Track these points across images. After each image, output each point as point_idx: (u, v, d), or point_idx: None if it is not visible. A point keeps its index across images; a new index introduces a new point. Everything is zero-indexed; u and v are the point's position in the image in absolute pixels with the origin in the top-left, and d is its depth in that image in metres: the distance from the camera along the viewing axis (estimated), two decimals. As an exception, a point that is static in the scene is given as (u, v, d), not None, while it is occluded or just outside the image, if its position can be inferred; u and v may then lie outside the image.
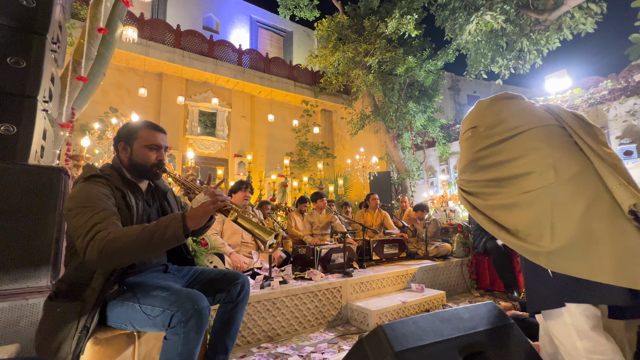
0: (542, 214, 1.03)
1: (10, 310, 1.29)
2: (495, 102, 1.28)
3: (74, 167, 3.61)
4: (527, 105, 1.24)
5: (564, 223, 1.00)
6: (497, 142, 1.18)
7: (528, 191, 1.07)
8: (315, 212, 4.01)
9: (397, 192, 9.30)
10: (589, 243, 0.95)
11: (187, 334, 1.04)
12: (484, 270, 3.75)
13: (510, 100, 1.27)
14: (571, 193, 1.01)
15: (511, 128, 1.17)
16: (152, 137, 1.26)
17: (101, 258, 0.97)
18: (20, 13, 1.50)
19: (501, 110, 1.24)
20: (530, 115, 1.19)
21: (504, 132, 1.18)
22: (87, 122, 6.84)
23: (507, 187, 1.13)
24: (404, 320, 1.03)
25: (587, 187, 1.01)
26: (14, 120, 1.43)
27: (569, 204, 1.00)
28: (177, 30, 8.52)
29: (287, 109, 10.91)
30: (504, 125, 1.19)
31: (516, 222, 1.09)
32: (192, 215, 1.06)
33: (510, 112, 1.22)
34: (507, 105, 1.25)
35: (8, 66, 1.45)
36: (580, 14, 6.41)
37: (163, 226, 1.03)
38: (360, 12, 9.58)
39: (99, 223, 1.02)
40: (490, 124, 1.22)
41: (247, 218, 1.14)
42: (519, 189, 1.10)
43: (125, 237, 0.99)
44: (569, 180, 1.03)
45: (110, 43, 4.02)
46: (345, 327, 2.60)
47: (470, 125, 1.29)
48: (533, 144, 1.11)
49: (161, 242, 1.01)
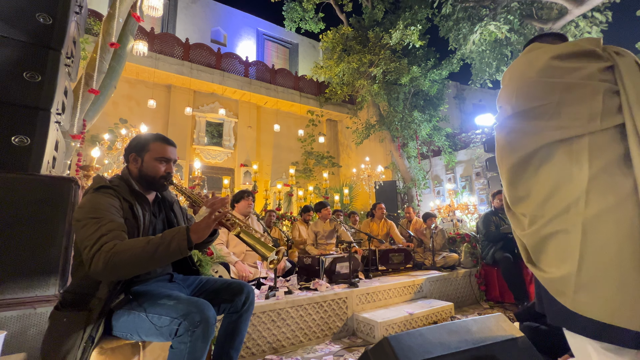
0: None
1: (19, 319, 1.31)
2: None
3: (84, 177, 3.68)
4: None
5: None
6: None
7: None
8: (320, 221, 4.00)
9: (403, 202, 9.24)
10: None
11: (194, 343, 1.04)
12: (493, 281, 3.67)
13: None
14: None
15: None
16: (162, 150, 1.30)
17: (106, 270, 0.99)
18: (37, 29, 1.57)
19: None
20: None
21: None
22: (98, 133, 7.00)
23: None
24: (411, 332, 1.02)
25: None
26: (28, 132, 1.48)
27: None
28: (185, 43, 8.76)
29: (292, 119, 11.03)
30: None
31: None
32: (195, 229, 1.09)
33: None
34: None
35: (24, 80, 1.51)
36: (585, 23, 6.42)
37: (168, 239, 1.04)
38: (364, 24, 9.74)
39: (105, 235, 1.03)
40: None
41: (249, 233, 1.16)
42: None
43: (131, 250, 1.01)
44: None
45: (121, 57, 4.14)
46: (351, 339, 2.56)
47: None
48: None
49: (165, 255, 1.03)
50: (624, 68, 0.87)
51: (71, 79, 2.03)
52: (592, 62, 0.92)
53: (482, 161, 7.88)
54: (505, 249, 3.42)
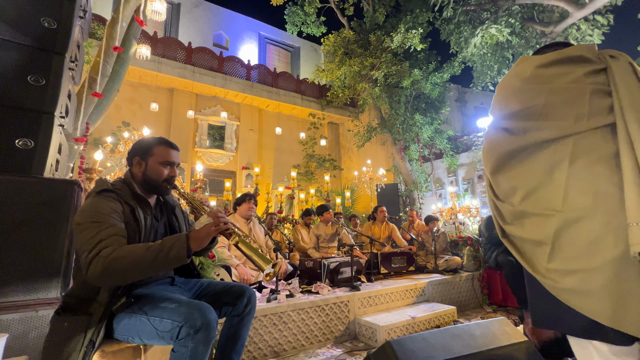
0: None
1: (20, 322, 1.31)
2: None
3: (87, 180, 3.69)
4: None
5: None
6: None
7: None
8: (322, 224, 3.99)
9: (404, 204, 9.21)
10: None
11: (196, 346, 1.03)
12: (495, 285, 3.65)
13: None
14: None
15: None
16: (166, 154, 1.30)
17: (103, 275, 0.99)
18: (42, 34, 1.59)
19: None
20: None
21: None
22: (100, 136, 7.04)
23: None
24: (413, 337, 1.01)
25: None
26: (31, 135, 1.49)
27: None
28: (188, 47, 8.82)
29: (294, 121, 11.05)
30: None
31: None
32: (195, 237, 1.09)
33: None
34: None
35: (28, 84, 1.52)
36: (587, 26, 6.41)
37: (167, 247, 1.04)
38: (366, 28, 9.78)
39: (105, 240, 1.03)
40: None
41: (247, 243, 1.16)
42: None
43: (130, 257, 1.01)
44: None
45: (124, 61, 4.18)
46: (353, 343, 2.54)
47: None
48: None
49: (164, 263, 1.03)
50: (617, 69, 0.90)
51: (75, 83, 2.05)
52: (578, 67, 0.95)
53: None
54: (508, 253, 3.39)
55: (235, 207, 3.04)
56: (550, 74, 0.97)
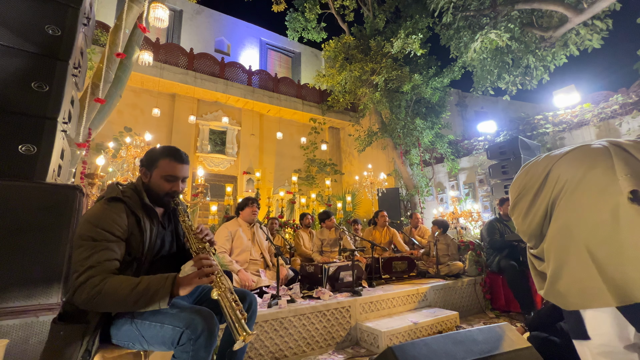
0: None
1: (21, 328, 1.30)
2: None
3: (89, 185, 3.71)
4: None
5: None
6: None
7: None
8: (325, 229, 4.00)
9: (406, 209, 9.19)
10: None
11: (196, 352, 1.03)
12: (498, 290, 3.62)
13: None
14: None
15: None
16: (171, 168, 1.26)
17: (87, 304, 1.02)
18: (46, 41, 1.60)
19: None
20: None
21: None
22: (103, 141, 7.07)
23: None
24: (415, 342, 1.00)
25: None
26: (34, 141, 1.50)
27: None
28: (190, 53, 8.90)
29: (295, 126, 11.09)
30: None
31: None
32: (179, 284, 1.06)
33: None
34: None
35: (32, 90, 1.53)
36: (586, 31, 6.44)
37: (151, 292, 1.03)
38: (366, 33, 9.85)
39: (95, 267, 1.04)
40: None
41: (229, 300, 1.06)
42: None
43: (113, 295, 1.01)
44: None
45: (127, 67, 4.22)
46: (354, 349, 2.52)
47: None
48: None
49: (146, 305, 1.03)
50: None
51: (78, 89, 2.06)
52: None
53: (485, 168, 7.85)
54: (510, 257, 3.37)
55: (238, 211, 3.04)
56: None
